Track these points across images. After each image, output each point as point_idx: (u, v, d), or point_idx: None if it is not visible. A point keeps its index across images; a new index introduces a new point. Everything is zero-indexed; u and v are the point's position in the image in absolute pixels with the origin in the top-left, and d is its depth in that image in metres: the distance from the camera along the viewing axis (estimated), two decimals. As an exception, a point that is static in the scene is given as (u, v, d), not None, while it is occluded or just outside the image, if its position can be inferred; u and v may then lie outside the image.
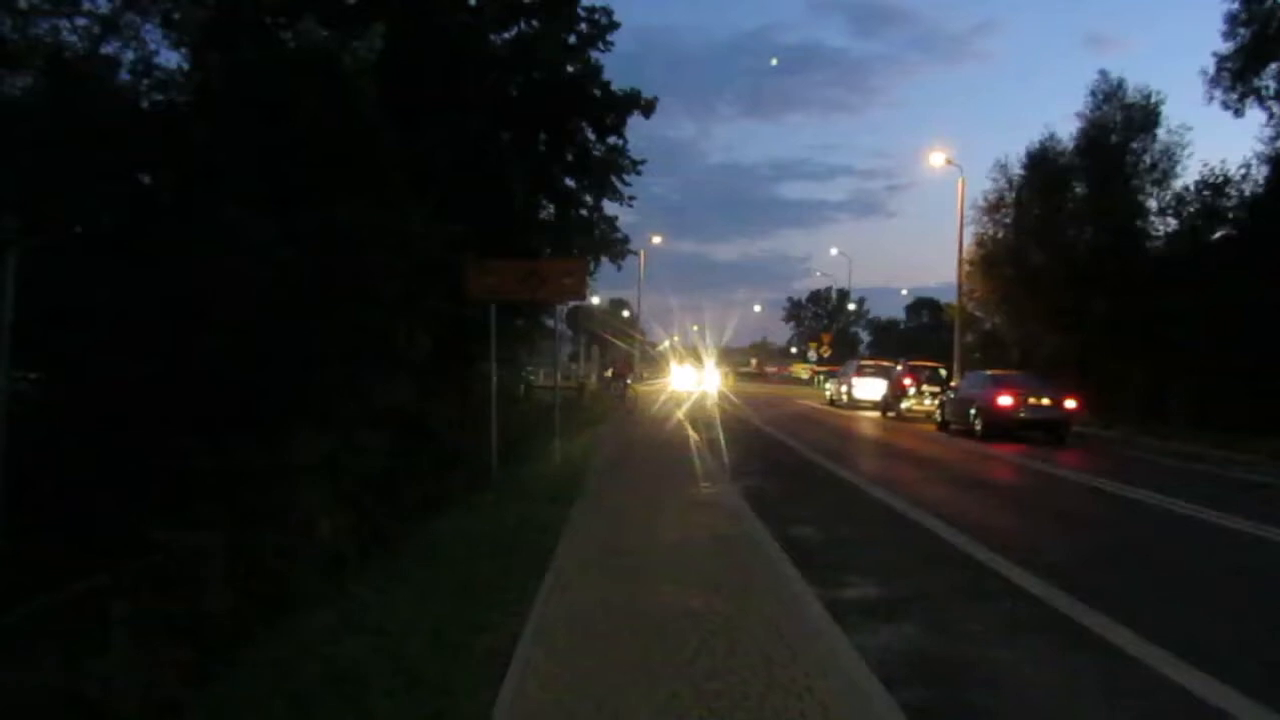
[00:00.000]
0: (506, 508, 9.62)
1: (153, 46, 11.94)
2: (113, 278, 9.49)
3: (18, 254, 8.53)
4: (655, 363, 67.29)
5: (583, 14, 19.00)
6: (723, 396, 40.79)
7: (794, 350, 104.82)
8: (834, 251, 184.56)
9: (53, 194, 9.74)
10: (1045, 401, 20.84)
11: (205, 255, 9.61)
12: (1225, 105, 27.41)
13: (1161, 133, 29.79)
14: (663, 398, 36.45)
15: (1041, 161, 31.93)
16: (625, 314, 66.08)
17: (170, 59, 12.34)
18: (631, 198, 21.47)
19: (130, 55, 11.83)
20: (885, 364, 36.21)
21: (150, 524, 7.09)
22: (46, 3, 10.86)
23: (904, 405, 28.76)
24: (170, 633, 5.41)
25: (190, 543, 6.79)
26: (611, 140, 20.31)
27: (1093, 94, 30.91)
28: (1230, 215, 27.04)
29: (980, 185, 34.02)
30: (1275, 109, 26.47)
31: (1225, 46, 26.97)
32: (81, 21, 11.27)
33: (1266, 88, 26.57)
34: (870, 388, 32.88)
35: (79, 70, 11.13)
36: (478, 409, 13.00)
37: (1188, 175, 28.96)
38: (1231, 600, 7.06)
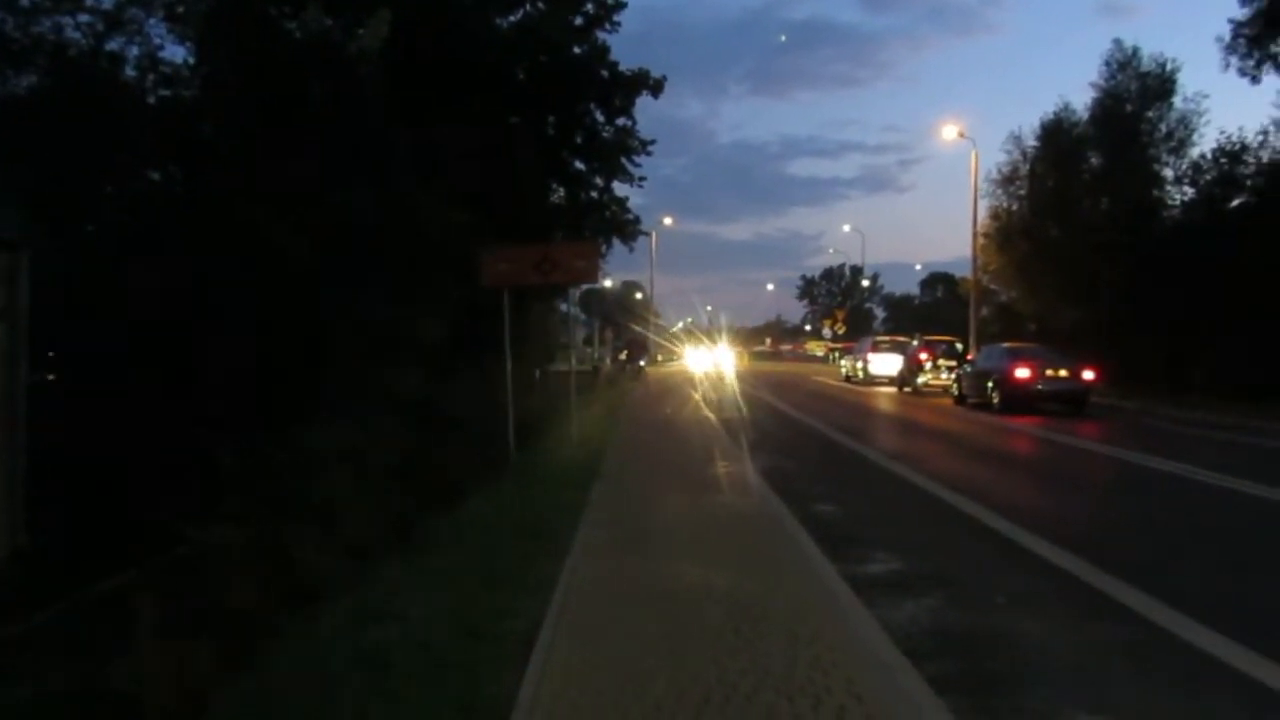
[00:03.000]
0: (526, 492, 9.63)
1: (157, 41, 11.95)
2: (126, 275, 9.53)
3: (30, 253, 8.59)
4: (669, 344, 67.14)
5: (589, -7, 18.85)
6: (738, 376, 40.71)
7: (808, 328, 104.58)
8: (846, 228, 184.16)
9: (62, 192, 9.77)
10: (1063, 373, 20.70)
11: (218, 251, 9.63)
12: (1242, 72, 27.03)
13: (1177, 101, 29.53)
14: (678, 379, 36.41)
15: (1056, 133, 31.62)
16: (638, 296, 65.72)
17: (175, 53, 12.33)
18: (642, 179, 21.40)
19: (135, 51, 11.85)
20: (901, 339, 36.07)
21: (174, 519, 7.14)
22: (48, 0, 10.86)
23: (920, 380, 28.65)
24: (198, 625, 5.45)
25: (214, 536, 6.84)
26: (620, 121, 20.22)
27: (1107, 63, 30.61)
28: (1248, 183, 26.71)
29: (994, 158, 34.06)
30: (1292, 75, 26.07)
31: (1242, 12, 26.58)
32: (85, 18, 11.28)
33: (1283, 54, 26.15)
34: (886, 363, 32.79)
35: (84, 67, 11.14)
36: (495, 395, 13.01)
37: (1204, 143, 28.71)
38: (1250, 565, 7.00)
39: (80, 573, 7.40)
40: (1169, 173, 29.71)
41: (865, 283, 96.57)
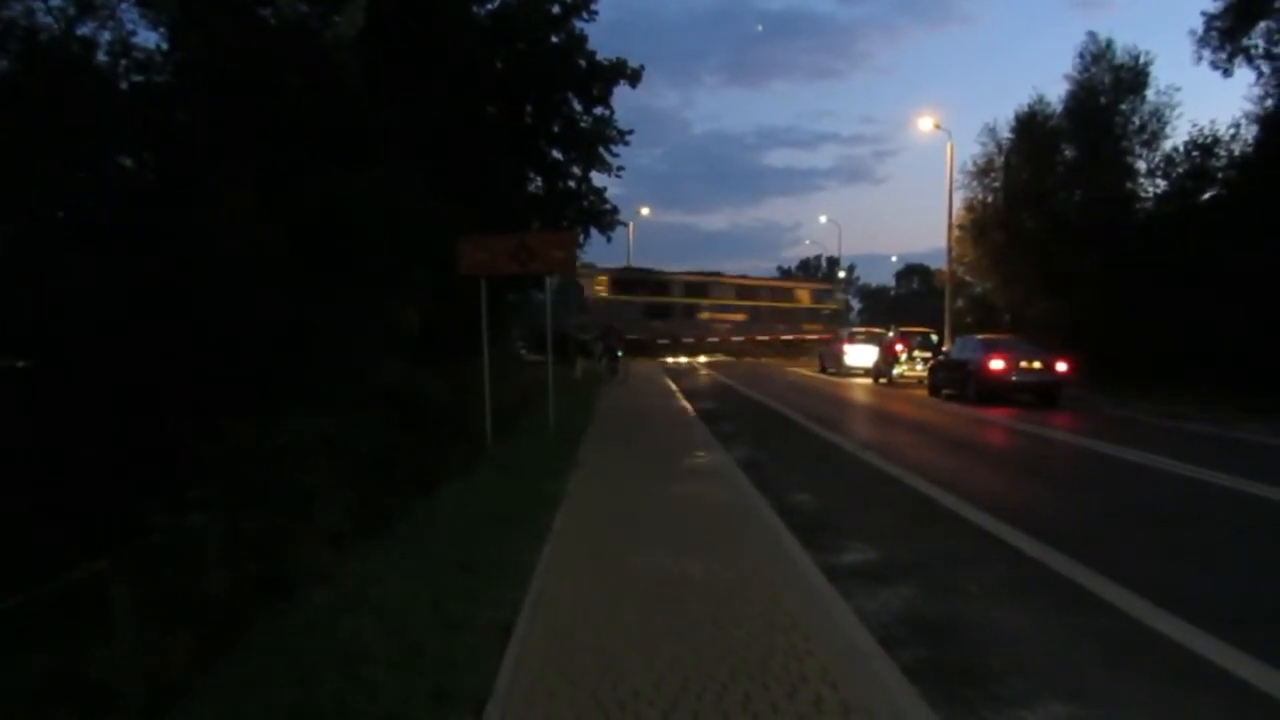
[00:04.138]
0: (503, 481, 9.62)
1: (130, 27, 11.79)
2: (101, 262, 9.42)
3: (0, 239, 8.48)
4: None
5: (566, -18, 18.81)
6: (714, 366, 40.84)
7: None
8: (823, 219, 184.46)
9: (32, 180, 9.64)
10: (1037, 365, 20.89)
11: (193, 239, 9.54)
12: (1214, 65, 27.29)
13: (1150, 94, 29.72)
14: (654, 368, 36.46)
15: (1030, 125, 31.82)
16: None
17: (148, 39, 12.17)
18: (620, 168, 21.43)
19: (107, 36, 11.69)
20: (876, 331, 36.27)
21: (150, 508, 7.08)
22: (19, -17, 10.69)
23: (896, 371, 28.84)
24: (173, 614, 5.42)
25: (189, 525, 6.79)
26: (598, 111, 20.22)
27: (1081, 56, 30.80)
28: (1220, 175, 26.97)
29: (969, 150, 34.04)
30: (1264, 68, 26.31)
31: (1214, 5, 26.83)
32: (56, 2, 11.10)
33: (1255, 46, 26.40)
34: (862, 355, 32.96)
35: (55, 52, 10.97)
36: (472, 384, 12.98)
37: (1177, 136, 28.92)
38: (1218, 553, 7.12)
39: (50, 561, 7.33)
40: (1142, 165, 29.97)
41: (841, 274, 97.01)
